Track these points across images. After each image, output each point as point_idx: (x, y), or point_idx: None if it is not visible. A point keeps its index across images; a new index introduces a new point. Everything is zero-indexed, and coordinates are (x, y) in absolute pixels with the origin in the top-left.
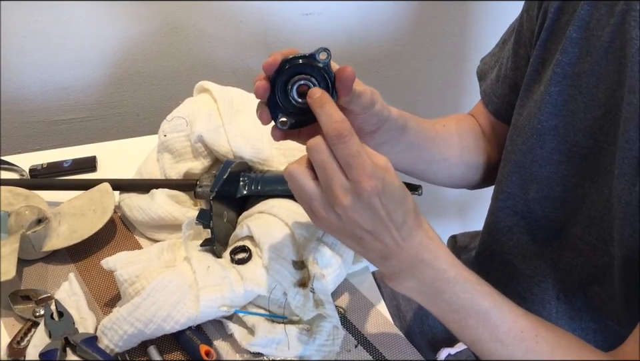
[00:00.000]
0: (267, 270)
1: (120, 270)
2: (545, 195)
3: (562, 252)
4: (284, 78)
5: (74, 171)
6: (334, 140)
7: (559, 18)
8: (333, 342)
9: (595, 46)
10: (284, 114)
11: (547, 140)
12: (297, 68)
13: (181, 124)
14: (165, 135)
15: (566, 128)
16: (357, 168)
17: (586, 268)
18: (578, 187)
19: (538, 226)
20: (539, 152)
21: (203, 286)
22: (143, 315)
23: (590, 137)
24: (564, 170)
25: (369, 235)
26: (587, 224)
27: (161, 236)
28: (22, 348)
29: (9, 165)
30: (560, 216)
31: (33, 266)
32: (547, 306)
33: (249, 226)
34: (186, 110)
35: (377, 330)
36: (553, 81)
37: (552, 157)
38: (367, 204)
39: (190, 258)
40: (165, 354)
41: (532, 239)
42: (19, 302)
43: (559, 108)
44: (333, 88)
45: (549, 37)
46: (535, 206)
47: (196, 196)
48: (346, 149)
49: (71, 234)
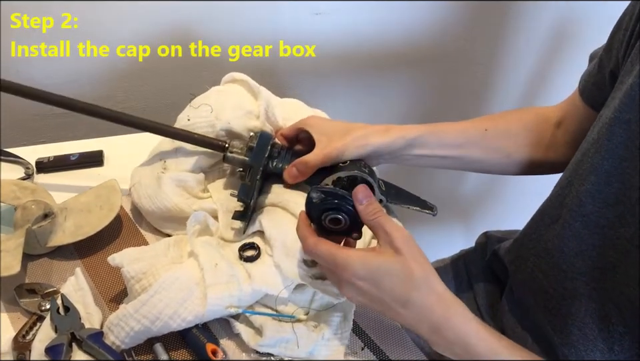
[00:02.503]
0: (277, 269)
1: (127, 266)
2: (599, 189)
3: (604, 250)
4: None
5: (81, 165)
6: (310, 255)
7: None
8: (342, 336)
9: None
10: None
11: (615, 133)
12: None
13: (206, 110)
14: (189, 120)
15: (639, 124)
16: (334, 267)
17: (631, 270)
18: (635, 187)
19: (583, 221)
20: (604, 144)
21: (211, 284)
22: (149, 312)
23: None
24: (626, 167)
25: (376, 307)
26: (639, 226)
27: (168, 229)
28: (27, 342)
29: (14, 157)
30: (610, 214)
31: (38, 260)
32: (575, 303)
33: (261, 221)
34: (213, 97)
35: (384, 333)
36: (636, 72)
37: (617, 151)
38: (356, 288)
39: (197, 255)
40: (171, 352)
41: (574, 234)
42: (24, 295)
43: (636, 101)
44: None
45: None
46: (586, 199)
47: (225, 160)
48: (318, 259)
49: (77, 230)
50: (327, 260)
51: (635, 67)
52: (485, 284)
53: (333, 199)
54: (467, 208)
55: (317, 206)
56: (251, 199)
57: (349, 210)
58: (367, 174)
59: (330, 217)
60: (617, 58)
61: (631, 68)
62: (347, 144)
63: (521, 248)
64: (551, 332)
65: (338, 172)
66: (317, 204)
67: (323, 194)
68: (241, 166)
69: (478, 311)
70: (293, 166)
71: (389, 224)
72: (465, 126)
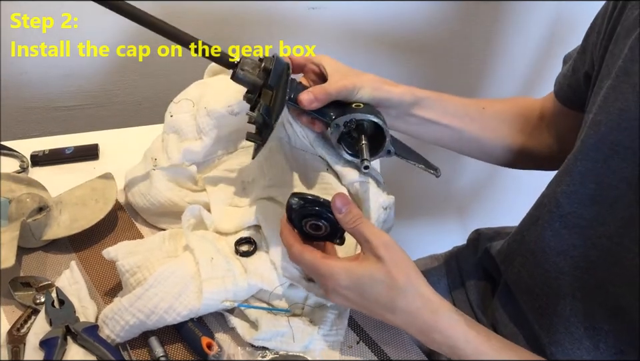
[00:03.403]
0: (272, 265)
1: (122, 260)
2: (574, 190)
3: (586, 250)
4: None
5: (76, 158)
6: (295, 263)
7: (632, 13)
8: (337, 332)
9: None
10: None
11: (588, 134)
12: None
13: (187, 105)
14: (172, 116)
15: (609, 125)
16: (319, 276)
17: (613, 268)
18: (612, 187)
19: (562, 221)
20: (577, 145)
21: (206, 278)
22: (145, 306)
23: (636, 138)
24: (599, 168)
25: (364, 312)
26: (619, 225)
27: (163, 223)
28: (22, 335)
29: (9, 151)
30: (587, 215)
31: (32, 254)
32: (560, 302)
33: (258, 217)
34: (193, 92)
35: (379, 327)
36: (613, 76)
37: (589, 153)
38: (342, 296)
39: (193, 249)
40: (166, 345)
41: (554, 235)
42: (19, 288)
43: (608, 103)
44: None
45: (623, 32)
46: (562, 200)
47: (234, 77)
48: (303, 267)
49: (72, 223)
50: (311, 269)
51: (611, 71)
52: (477, 281)
53: (313, 206)
54: (462, 204)
55: (296, 212)
56: (272, 120)
57: (328, 218)
58: (382, 121)
59: (310, 223)
60: (591, 60)
61: (607, 72)
62: (363, 82)
63: (508, 249)
64: (539, 330)
65: (354, 113)
66: (296, 210)
67: (302, 200)
68: (251, 87)
69: (470, 307)
70: (309, 91)
71: (369, 231)
72: (465, 101)
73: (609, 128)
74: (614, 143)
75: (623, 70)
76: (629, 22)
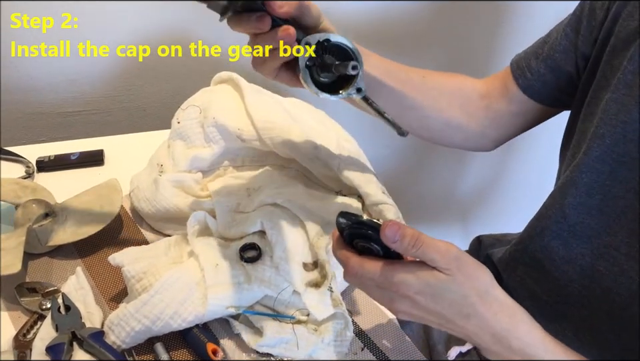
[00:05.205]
0: (277, 271)
1: (127, 265)
2: (581, 201)
3: (594, 260)
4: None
5: (81, 164)
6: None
7: (628, 24)
8: (342, 343)
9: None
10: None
11: (592, 147)
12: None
13: (194, 111)
14: (179, 122)
15: (614, 137)
16: (388, 284)
17: (619, 278)
18: (619, 198)
19: (571, 231)
20: (582, 158)
21: (211, 285)
22: (150, 312)
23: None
24: (605, 180)
25: (434, 323)
26: (627, 235)
27: (168, 230)
28: (28, 341)
29: (15, 156)
30: (595, 225)
31: (38, 259)
32: (569, 309)
33: (262, 222)
34: (200, 98)
35: (384, 334)
36: (613, 88)
37: (594, 165)
38: (413, 302)
39: (197, 255)
40: (171, 351)
41: (563, 243)
42: (25, 294)
43: (610, 115)
44: None
45: (620, 44)
46: (569, 211)
47: None
48: (365, 279)
49: (77, 229)
50: (376, 278)
51: (609, 82)
52: None
53: (359, 229)
54: (464, 210)
55: (346, 231)
56: None
57: (378, 241)
58: (357, 52)
59: (360, 245)
60: (575, 60)
61: (605, 83)
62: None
63: (510, 257)
64: None
65: (330, 34)
66: (345, 230)
67: (349, 221)
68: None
69: None
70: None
71: (434, 250)
72: (407, 68)
73: (614, 140)
74: (620, 155)
75: (624, 83)
76: (626, 33)
